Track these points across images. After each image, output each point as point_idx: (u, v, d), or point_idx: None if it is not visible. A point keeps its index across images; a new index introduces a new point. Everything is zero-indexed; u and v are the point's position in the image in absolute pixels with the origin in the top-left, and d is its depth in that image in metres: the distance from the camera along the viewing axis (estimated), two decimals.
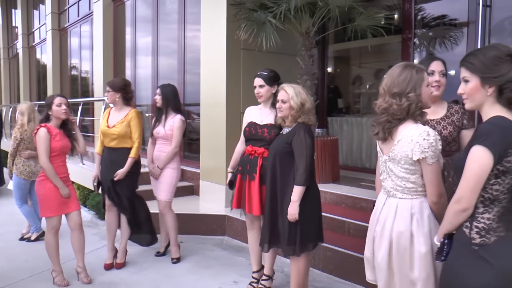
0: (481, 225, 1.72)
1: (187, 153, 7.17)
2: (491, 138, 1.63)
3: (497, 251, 1.68)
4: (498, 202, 1.70)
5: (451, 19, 5.20)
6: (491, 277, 1.65)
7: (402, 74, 2.14)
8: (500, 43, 1.87)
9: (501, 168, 1.65)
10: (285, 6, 4.53)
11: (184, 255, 4.65)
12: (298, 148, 3.03)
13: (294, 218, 3.00)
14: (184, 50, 7.21)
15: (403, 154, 2.10)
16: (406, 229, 2.11)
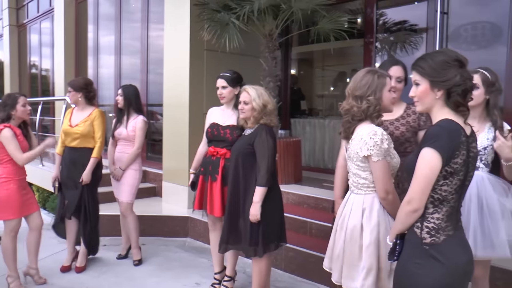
0: (431, 225, 1.78)
1: (150, 154, 7.07)
2: (440, 140, 1.69)
3: (446, 250, 1.74)
4: (447, 202, 1.77)
5: (411, 25, 5.36)
6: (441, 275, 1.72)
7: (364, 79, 2.28)
8: (448, 49, 1.95)
9: (449, 170, 1.71)
10: (248, 8, 4.54)
11: (145, 257, 4.59)
12: (260, 149, 3.05)
13: (256, 219, 3.01)
14: (148, 50, 7.11)
15: (354, 152, 2.26)
16: (358, 223, 2.26)
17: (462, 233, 1.87)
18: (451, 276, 1.73)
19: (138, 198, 5.58)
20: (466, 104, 1.79)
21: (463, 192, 1.82)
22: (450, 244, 1.76)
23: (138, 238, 4.48)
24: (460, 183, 1.75)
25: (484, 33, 4.80)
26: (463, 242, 1.84)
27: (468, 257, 1.81)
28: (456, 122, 1.76)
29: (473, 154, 1.79)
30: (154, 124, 7.10)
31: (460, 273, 1.76)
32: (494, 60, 4.76)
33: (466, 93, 1.77)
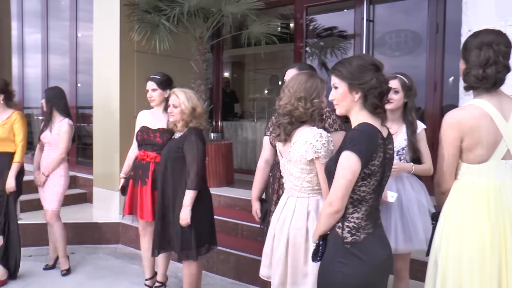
0: (351, 224, 1.84)
1: (80, 158, 6.82)
2: (359, 144, 1.76)
3: (366, 247, 1.82)
4: (365, 202, 1.84)
5: (340, 31, 5.56)
6: (363, 272, 1.80)
7: (309, 81, 2.25)
8: (365, 54, 2.05)
9: (367, 171, 1.79)
10: (178, 10, 4.51)
11: (74, 266, 4.42)
12: (189, 153, 3.04)
13: (186, 222, 3.00)
14: (77, 49, 6.85)
15: (299, 155, 2.21)
16: (303, 226, 2.23)
17: (382, 230, 1.96)
18: (372, 273, 1.82)
19: (68, 204, 5.42)
20: (382, 106, 1.86)
21: (380, 191, 1.90)
22: (370, 242, 1.84)
23: (65, 246, 4.30)
24: (378, 183, 1.84)
25: (406, 41, 5.07)
26: (382, 239, 1.93)
27: (387, 253, 1.90)
28: (374, 126, 1.83)
29: (389, 155, 1.88)
30: (86, 128, 6.85)
31: (380, 269, 1.86)
32: (415, 66, 5.06)
33: (382, 96, 1.85)
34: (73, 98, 6.80)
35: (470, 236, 1.90)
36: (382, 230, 1.96)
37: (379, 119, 1.87)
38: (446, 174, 2.00)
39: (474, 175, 1.95)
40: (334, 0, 5.45)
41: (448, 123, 1.94)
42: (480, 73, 1.88)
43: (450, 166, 1.98)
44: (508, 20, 3.10)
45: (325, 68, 5.70)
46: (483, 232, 1.88)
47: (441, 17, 4.71)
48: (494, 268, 1.86)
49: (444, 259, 1.94)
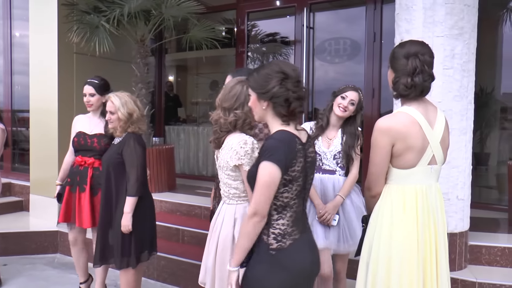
0: (277, 231, 1.84)
1: (17, 165, 6.51)
2: (276, 153, 1.75)
3: (291, 254, 1.83)
4: (290, 207, 1.84)
5: (282, 37, 5.66)
6: (286, 279, 1.82)
7: (232, 90, 2.25)
8: (278, 61, 2.08)
9: (288, 178, 1.79)
10: (118, 11, 4.41)
11: (7, 279, 4.21)
12: (128, 158, 2.97)
13: (128, 229, 2.93)
14: (12, 49, 6.53)
15: (224, 161, 2.22)
16: (229, 233, 2.22)
17: (310, 234, 1.99)
18: (296, 279, 1.83)
19: (2, 213, 5.15)
20: (291, 113, 1.85)
21: (305, 195, 1.92)
22: (296, 248, 1.84)
23: None
24: (301, 188, 1.84)
25: (345, 48, 5.24)
26: (310, 243, 1.94)
27: (313, 257, 1.92)
28: (290, 132, 1.85)
29: (310, 159, 1.90)
30: (23, 132, 6.54)
31: (305, 275, 1.87)
32: (354, 73, 5.24)
33: (290, 103, 1.83)
34: (8, 100, 6.49)
35: (400, 238, 1.98)
36: (310, 235, 1.98)
37: (293, 124, 1.89)
38: (378, 178, 2.05)
39: (403, 180, 2.03)
40: (275, 7, 5.53)
41: (380, 130, 1.99)
42: (408, 82, 1.96)
43: (382, 171, 2.04)
44: (435, 32, 3.29)
45: None
46: (412, 234, 1.97)
47: (378, 27, 4.91)
48: (420, 267, 1.96)
49: (375, 261, 2.01)
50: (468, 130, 3.45)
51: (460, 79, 3.34)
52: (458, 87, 3.34)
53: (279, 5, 5.50)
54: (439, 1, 3.27)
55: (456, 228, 3.44)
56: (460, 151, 3.39)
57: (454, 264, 3.44)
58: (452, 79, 3.32)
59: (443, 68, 3.28)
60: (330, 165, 2.91)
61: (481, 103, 4.60)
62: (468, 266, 3.56)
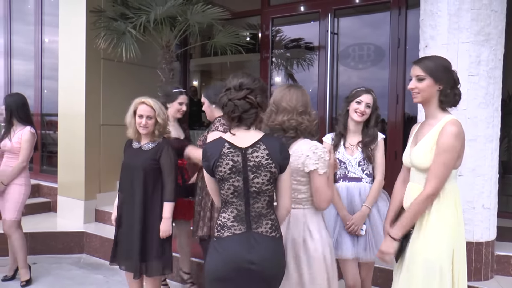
0: (219, 221, 2.08)
1: (45, 167, 6.69)
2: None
3: (226, 244, 2.01)
4: (230, 204, 2.05)
5: (306, 43, 5.66)
6: (218, 262, 2.02)
7: (303, 95, 2.31)
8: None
9: (218, 177, 2.03)
10: (144, 18, 4.49)
11: (36, 277, 4.32)
12: (167, 165, 3.04)
13: (167, 234, 3.01)
14: (42, 55, 6.72)
15: (295, 167, 2.20)
16: (299, 237, 2.23)
17: (256, 235, 2.03)
18: (225, 263, 2.00)
19: (31, 214, 5.32)
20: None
21: (248, 197, 2.02)
22: (231, 240, 2.01)
23: (25, 257, 4.21)
24: (234, 188, 2.02)
25: (369, 54, 5.21)
26: (254, 244, 2.01)
27: (247, 255, 1.99)
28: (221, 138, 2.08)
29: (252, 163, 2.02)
30: (51, 135, 6.72)
31: (234, 266, 1.99)
32: (378, 78, 5.20)
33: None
34: (38, 105, 6.68)
35: (461, 236, 2.15)
36: (256, 235, 2.02)
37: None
38: (445, 181, 2.14)
39: (454, 179, 2.18)
40: (299, 12, 5.54)
41: (456, 135, 2.08)
42: (459, 93, 2.18)
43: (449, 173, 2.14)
44: (460, 38, 3.25)
45: (291, 78, 5.79)
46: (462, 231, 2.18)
47: (402, 32, 4.87)
48: None
49: (460, 261, 2.12)
50: (495, 137, 3.39)
51: (486, 86, 3.30)
52: (484, 94, 3.30)
53: (303, 11, 5.51)
54: (465, 7, 3.24)
55: (482, 237, 3.39)
56: (485, 159, 3.34)
57: (480, 274, 3.38)
58: (477, 86, 3.29)
59: (468, 75, 3.25)
60: (355, 173, 2.88)
61: (508, 110, 4.51)
62: (494, 276, 3.49)
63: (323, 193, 2.21)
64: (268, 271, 2.02)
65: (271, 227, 2.05)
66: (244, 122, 2.05)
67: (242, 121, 2.04)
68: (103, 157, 5.35)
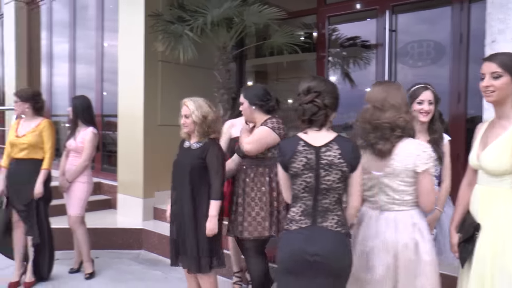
0: (289, 215, 2.21)
1: (105, 165, 6.95)
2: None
3: (293, 237, 2.15)
4: (299, 199, 2.17)
5: (363, 41, 5.52)
6: (286, 254, 2.15)
7: (402, 91, 2.31)
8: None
9: (291, 173, 2.16)
10: (202, 20, 4.56)
11: (98, 270, 4.51)
12: (213, 164, 3.05)
13: (214, 232, 3.01)
14: (103, 59, 7.01)
15: (403, 168, 2.18)
16: (411, 240, 2.17)
17: (323, 230, 2.12)
18: (287, 258, 2.14)
19: (92, 210, 5.52)
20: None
21: (317, 193, 2.12)
22: (295, 234, 2.14)
23: (89, 251, 4.40)
24: (305, 184, 2.12)
25: (429, 51, 5.02)
26: (313, 236, 2.12)
27: (309, 248, 2.08)
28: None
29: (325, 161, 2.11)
30: (111, 135, 6.99)
31: (295, 258, 2.10)
32: (438, 76, 5.00)
33: None
34: (98, 106, 6.95)
35: None
36: (322, 230, 2.11)
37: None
38: None
39: None
40: (356, 10, 5.44)
41: None
42: None
43: None
44: None
45: (348, 78, 5.70)
46: None
47: (465, 27, 4.65)
48: None
49: None
50: None
51: None
52: None
53: (360, 8, 5.40)
54: None
55: None
56: None
57: None
58: None
59: None
60: None
61: None
62: None
63: (431, 194, 2.22)
64: (333, 263, 2.08)
65: (337, 222, 2.13)
66: (314, 123, 2.16)
67: (313, 123, 2.16)
68: (161, 156, 5.47)
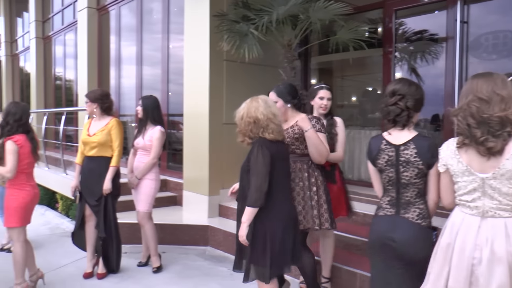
0: (379, 203, 2.50)
1: (171, 163, 7.14)
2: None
3: (378, 221, 2.45)
4: (387, 191, 2.45)
5: (431, 34, 5.30)
6: (372, 234, 2.48)
7: (509, 83, 2.06)
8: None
9: (377, 168, 2.48)
10: (267, 18, 4.56)
11: (165, 265, 4.65)
12: (252, 166, 2.80)
13: (242, 239, 2.79)
14: (168, 60, 7.21)
15: None
16: None
17: (405, 220, 2.34)
18: (373, 240, 2.46)
19: (159, 206, 5.68)
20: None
21: (399, 187, 2.37)
22: (380, 220, 2.44)
23: (156, 246, 4.54)
24: (388, 178, 2.40)
25: (505, 42, 4.72)
26: (397, 223, 2.36)
27: (391, 233, 2.34)
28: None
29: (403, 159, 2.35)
30: (175, 134, 7.18)
31: (380, 241, 2.39)
32: None
33: None
34: (164, 106, 7.15)
35: None
36: (405, 220, 2.32)
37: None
38: None
39: None
40: (424, 2, 5.21)
41: None
42: None
43: None
44: None
45: (414, 74, 5.49)
46: None
47: None
48: None
49: None
50: None
51: None
52: None
53: (428, 0, 5.17)
54: None
55: None
56: None
57: None
58: None
59: None
60: None
61: None
62: None
63: None
64: (407, 251, 2.28)
65: (418, 215, 2.33)
66: (398, 123, 2.39)
67: (396, 123, 2.39)
68: (226, 154, 5.55)
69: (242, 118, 2.86)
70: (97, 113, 4.33)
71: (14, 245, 3.81)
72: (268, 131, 2.81)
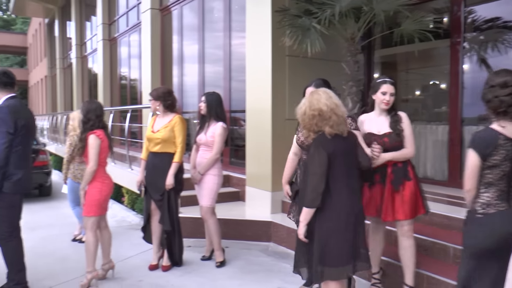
0: (482, 200, 2.42)
1: (233, 159, 7.23)
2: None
3: (493, 219, 2.37)
4: (494, 185, 2.39)
5: (504, 22, 4.97)
6: (486, 234, 2.37)
7: None
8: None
9: (489, 164, 2.37)
10: (329, 12, 4.47)
11: (228, 259, 4.71)
12: (309, 165, 2.78)
13: (301, 238, 2.81)
14: (230, 58, 7.29)
15: None
16: None
17: None
18: (490, 238, 2.35)
19: (222, 202, 5.76)
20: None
21: (510, 179, 2.37)
22: (496, 216, 2.37)
23: (220, 241, 4.61)
24: (503, 173, 2.36)
25: None
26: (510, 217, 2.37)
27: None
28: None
29: None
30: (237, 130, 7.25)
31: (504, 237, 2.31)
32: None
33: None
34: (226, 102, 7.24)
35: None
36: None
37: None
38: None
39: None
40: None
41: None
42: None
43: None
44: None
45: (484, 65, 5.18)
46: None
47: None
48: None
49: None
50: None
51: None
52: None
53: None
54: None
55: None
56: None
57: None
58: None
59: None
60: None
61: None
62: None
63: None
64: None
65: None
66: (509, 115, 2.36)
67: (507, 114, 2.35)
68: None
69: (305, 113, 2.79)
70: (161, 110, 4.46)
71: (86, 234, 4.02)
72: (329, 123, 2.73)
